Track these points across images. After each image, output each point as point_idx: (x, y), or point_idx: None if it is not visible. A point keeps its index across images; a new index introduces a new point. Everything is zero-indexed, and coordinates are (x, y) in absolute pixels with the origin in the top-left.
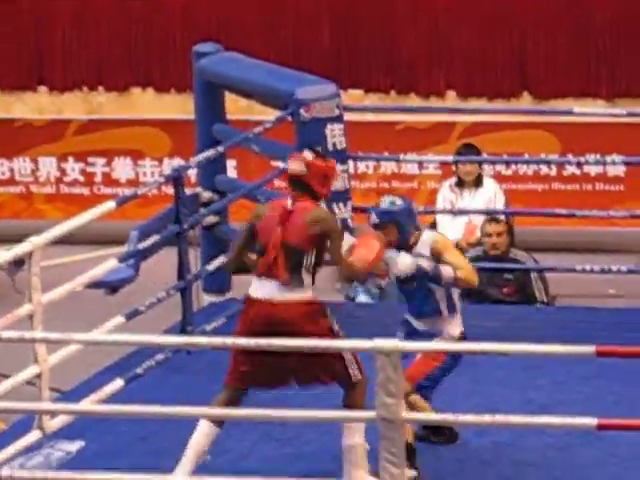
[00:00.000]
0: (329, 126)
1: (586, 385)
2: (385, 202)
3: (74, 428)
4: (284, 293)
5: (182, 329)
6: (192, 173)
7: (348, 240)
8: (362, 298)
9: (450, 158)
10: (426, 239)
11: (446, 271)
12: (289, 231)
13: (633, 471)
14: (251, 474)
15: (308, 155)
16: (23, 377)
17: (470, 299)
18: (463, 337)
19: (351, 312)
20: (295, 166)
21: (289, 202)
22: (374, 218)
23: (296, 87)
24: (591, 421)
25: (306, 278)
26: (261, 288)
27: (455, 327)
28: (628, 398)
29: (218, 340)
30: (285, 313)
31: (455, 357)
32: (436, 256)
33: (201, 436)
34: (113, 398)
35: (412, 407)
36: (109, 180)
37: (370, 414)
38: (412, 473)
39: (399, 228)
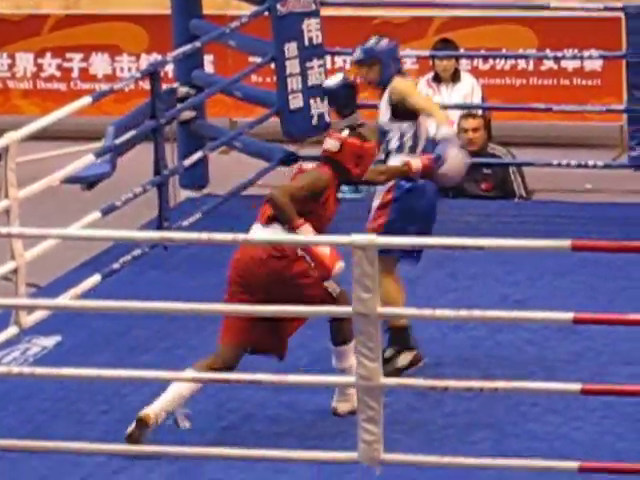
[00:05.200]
0: (306, 21)
1: (562, 280)
2: (371, 41)
3: (51, 323)
4: (261, 230)
5: (159, 224)
6: (169, 68)
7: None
8: (347, 194)
9: (427, 53)
10: (391, 85)
11: (415, 163)
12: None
13: (609, 365)
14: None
15: (344, 133)
16: None
17: (448, 195)
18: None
19: None
20: (329, 144)
21: (306, 163)
22: (359, 54)
23: None
24: (567, 316)
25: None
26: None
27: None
28: (603, 292)
29: (194, 235)
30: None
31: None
32: (396, 103)
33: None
34: (90, 293)
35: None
36: (86, 75)
37: (346, 309)
38: (407, 358)
39: (381, 67)
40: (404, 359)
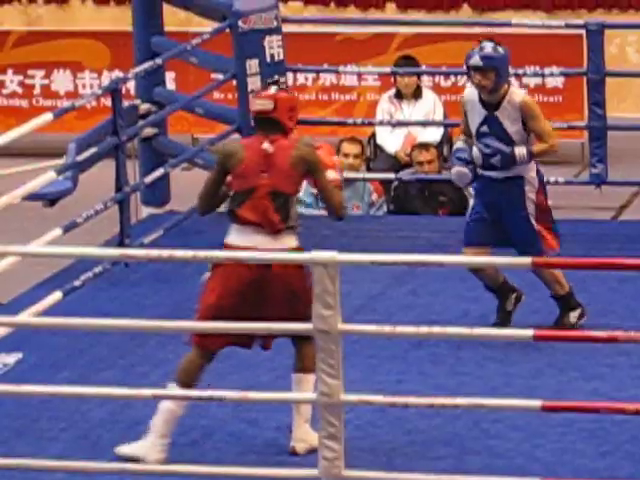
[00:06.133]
0: (267, 38)
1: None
2: (488, 47)
3: (12, 340)
4: (274, 241)
5: (120, 241)
6: (131, 85)
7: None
8: (311, 210)
9: (389, 70)
10: (515, 98)
11: (520, 152)
12: (276, 177)
13: (570, 382)
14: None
15: (272, 90)
16: None
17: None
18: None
19: None
20: (262, 104)
21: (266, 144)
22: (477, 60)
23: None
24: (528, 332)
25: (292, 222)
26: (247, 236)
27: (532, 170)
28: None
29: (155, 253)
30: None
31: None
32: (523, 118)
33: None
34: (51, 310)
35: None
36: (48, 92)
37: (307, 326)
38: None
39: (497, 74)
40: (573, 316)
